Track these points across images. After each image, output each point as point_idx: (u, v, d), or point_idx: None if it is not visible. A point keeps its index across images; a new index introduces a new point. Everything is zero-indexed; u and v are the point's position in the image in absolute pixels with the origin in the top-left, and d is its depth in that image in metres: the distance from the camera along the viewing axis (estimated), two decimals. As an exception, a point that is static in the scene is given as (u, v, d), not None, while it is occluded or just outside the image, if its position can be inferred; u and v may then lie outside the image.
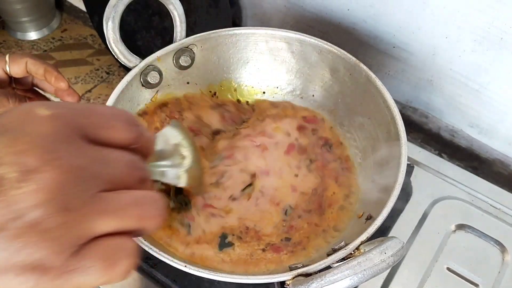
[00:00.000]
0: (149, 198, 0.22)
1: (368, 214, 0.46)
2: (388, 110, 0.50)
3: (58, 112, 0.21)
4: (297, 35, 0.57)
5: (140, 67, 0.53)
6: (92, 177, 0.20)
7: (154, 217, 0.22)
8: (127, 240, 0.21)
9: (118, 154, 0.22)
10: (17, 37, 1.58)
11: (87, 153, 0.21)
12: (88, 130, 0.21)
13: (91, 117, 0.22)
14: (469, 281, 0.53)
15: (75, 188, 0.19)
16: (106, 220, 0.20)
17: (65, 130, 0.20)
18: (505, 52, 0.55)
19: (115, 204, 0.20)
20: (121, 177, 0.21)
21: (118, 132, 0.22)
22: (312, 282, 0.35)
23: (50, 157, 0.19)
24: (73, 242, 0.19)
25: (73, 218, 0.19)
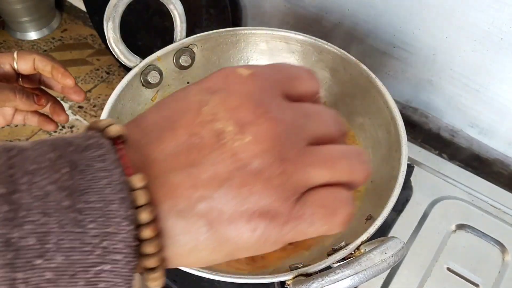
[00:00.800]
0: (355, 152, 0.22)
1: (368, 214, 0.46)
2: (388, 110, 0.50)
3: (257, 71, 0.21)
4: (297, 35, 0.57)
5: (140, 67, 0.53)
6: (299, 131, 0.21)
7: (362, 170, 0.22)
8: (342, 190, 0.21)
9: (316, 108, 0.22)
10: (17, 37, 1.58)
11: (291, 107, 0.21)
12: (286, 86, 0.22)
13: (284, 72, 0.22)
14: (469, 281, 0.53)
15: (288, 139, 0.20)
16: (320, 171, 0.20)
17: (268, 86, 0.21)
18: (505, 52, 0.55)
19: (326, 156, 0.21)
20: (325, 130, 0.22)
21: (306, 82, 0.23)
22: (312, 282, 0.35)
23: (262, 110, 0.20)
24: (294, 190, 0.20)
25: (291, 167, 0.19)
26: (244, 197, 0.19)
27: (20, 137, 1.33)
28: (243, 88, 0.20)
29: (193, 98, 0.21)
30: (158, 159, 0.19)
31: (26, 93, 0.46)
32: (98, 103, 1.42)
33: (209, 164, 0.19)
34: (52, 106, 0.52)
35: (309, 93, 0.23)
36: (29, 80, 0.51)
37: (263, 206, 0.19)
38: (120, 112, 0.52)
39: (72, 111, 1.38)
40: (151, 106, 0.22)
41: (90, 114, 1.39)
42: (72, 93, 0.51)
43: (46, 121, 0.53)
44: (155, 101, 0.57)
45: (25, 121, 0.52)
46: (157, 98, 0.57)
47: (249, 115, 0.19)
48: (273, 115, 0.20)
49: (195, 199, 0.19)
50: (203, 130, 0.19)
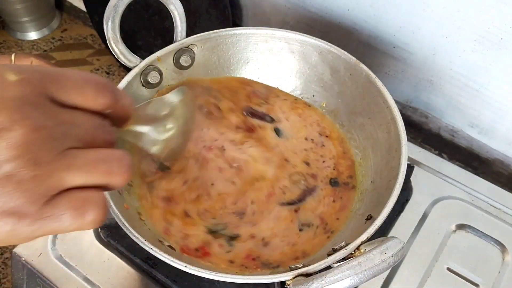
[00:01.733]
0: (115, 155, 0.24)
1: (368, 214, 0.46)
2: (388, 110, 0.50)
3: (27, 77, 0.22)
4: (297, 35, 0.57)
5: (140, 67, 0.53)
6: (60, 136, 0.22)
7: (120, 173, 0.24)
8: (95, 193, 0.23)
9: (85, 117, 0.24)
10: (17, 37, 1.58)
11: (55, 114, 0.22)
12: (57, 94, 0.23)
13: (61, 81, 0.23)
14: (469, 281, 0.53)
15: (44, 145, 0.21)
16: (74, 174, 0.22)
17: (33, 93, 0.22)
18: (505, 52, 0.55)
19: (82, 159, 0.22)
20: (87, 138, 0.23)
21: (87, 97, 0.24)
22: (312, 282, 0.35)
23: (19, 117, 0.21)
24: (45, 193, 0.21)
25: (43, 172, 0.21)
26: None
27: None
28: (6, 94, 0.21)
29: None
30: None
31: None
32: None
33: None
34: None
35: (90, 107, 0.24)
36: None
37: (12, 207, 0.21)
38: (120, 112, 0.52)
39: (72, 111, 1.38)
40: None
41: (90, 114, 1.39)
42: None
43: None
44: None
45: None
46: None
47: (5, 120, 0.20)
48: (31, 122, 0.21)
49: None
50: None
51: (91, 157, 0.23)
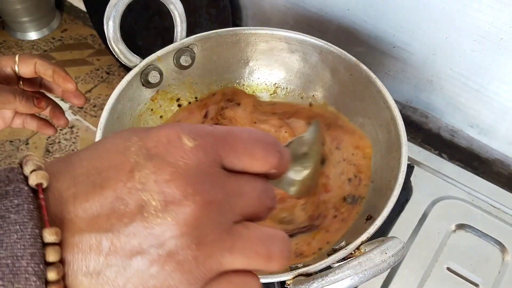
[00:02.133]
0: (278, 238, 0.22)
1: (368, 214, 0.46)
2: (388, 110, 0.50)
3: (202, 143, 0.21)
4: (297, 35, 0.57)
5: (141, 67, 0.53)
6: (227, 210, 0.20)
7: (280, 258, 0.21)
8: (253, 278, 0.21)
9: (252, 184, 0.22)
10: (17, 37, 1.58)
11: (224, 184, 0.21)
12: (228, 160, 0.21)
13: (231, 144, 0.22)
14: (469, 281, 0.53)
15: (210, 222, 0.20)
16: (235, 257, 0.20)
17: (207, 162, 0.20)
18: (505, 52, 0.55)
19: (245, 241, 0.20)
20: (252, 208, 0.22)
21: (257, 160, 0.22)
22: (312, 282, 0.35)
23: (191, 191, 0.19)
24: (204, 276, 0.20)
25: (206, 253, 0.19)
26: (153, 274, 0.19)
27: (20, 137, 1.33)
28: (180, 161, 0.20)
29: (129, 158, 0.20)
30: (78, 217, 0.19)
31: (26, 96, 0.46)
32: (98, 103, 1.42)
33: (126, 233, 0.19)
34: (51, 110, 0.52)
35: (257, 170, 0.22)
36: (30, 83, 0.51)
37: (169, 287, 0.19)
38: (120, 112, 0.52)
39: (72, 111, 1.38)
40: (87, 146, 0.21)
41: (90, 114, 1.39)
42: (72, 97, 0.51)
43: (46, 125, 0.53)
44: (155, 101, 0.57)
45: (24, 125, 0.52)
46: (158, 98, 0.57)
47: (177, 193, 0.19)
48: (201, 197, 0.19)
49: (105, 265, 0.19)
50: (129, 197, 0.19)
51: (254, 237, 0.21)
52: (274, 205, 0.23)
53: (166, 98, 0.58)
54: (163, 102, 0.58)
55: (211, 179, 0.20)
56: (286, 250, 0.22)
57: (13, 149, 1.31)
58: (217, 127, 0.22)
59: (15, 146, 1.32)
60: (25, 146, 1.32)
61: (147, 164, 0.20)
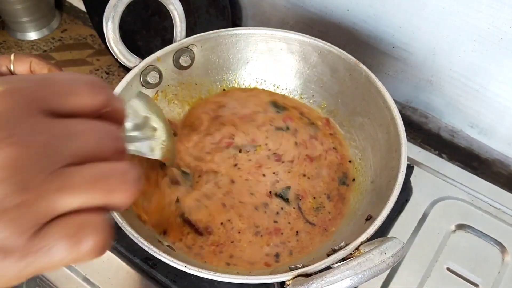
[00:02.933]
0: (118, 170, 0.20)
1: (368, 215, 0.46)
2: (388, 110, 0.50)
3: (13, 87, 0.19)
4: (297, 36, 0.57)
5: (140, 67, 0.53)
6: (55, 153, 0.19)
7: (123, 190, 0.20)
8: (93, 216, 0.20)
9: (86, 124, 0.21)
10: (17, 37, 1.58)
11: (49, 127, 0.19)
12: (49, 102, 0.20)
13: (51, 87, 0.20)
14: (469, 281, 0.53)
15: (34, 165, 0.18)
16: (68, 196, 0.19)
17: (21, 105, 0.19)
18: (505, 52, 0.55)
19: (77, 178, 0.19)
20: (91, 149, 0.20)
21: (82, 97, 0.21)
22: (312, 283, 0.35)
23: (4, 134, 0.18)
24: (34, 222, 0.18)
25: (32, 197, 0.18)
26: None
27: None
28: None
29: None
30: None
31: None
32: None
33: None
34: None
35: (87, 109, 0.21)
36: None
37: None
38: (119, 112, 0.52)
39: (72, 111, 1.38)
40: None
41: (90, 114, 1.39)
42: None
43: None
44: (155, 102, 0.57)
45: None
46: (157, 98, 0.57)
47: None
48: (19, 139, 0.18)
49: None
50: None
51: (88, 174, 0.19)
52: (120, 145, 0.22)
53: (166, 98, 0.58)
54: (163, 103, 0.58)
55: (29, 122, 0.19)
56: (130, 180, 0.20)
57: (13, 149, 1.31)
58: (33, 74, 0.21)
59: (15, 146, 1.32)
60: (25, 146, 1.32)
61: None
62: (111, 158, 0.21)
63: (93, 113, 0.21)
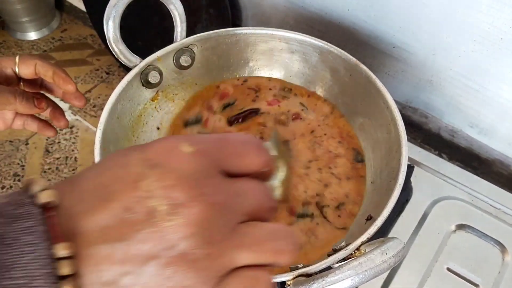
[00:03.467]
0: (284, 233, 0.23)
1: (368, 215, 0.46)
2: (388, 110, 0.50)
3: (200, 148, 0.22)
4: (297, 36, 0.57)
5: (140, 67, 0.53)
6: (231, 211, 0.21)
7: (288, 252, 0.22)
8: (264, 272, 0.22)
9: (251, 185, 0.23)
10: (17, 37, 1.58)
11: (226, 187, 0.22)
12: (225, 163, 0.23)
13: (227, 148, 0.23)
14: (469, 281, 0.53)
15: (217, 222, 0.20)
16: (244, 254, 0.21)
17: (207, 166, 0.22)
18: (505, 52, 0.55)
19: (252, 238, 0.21)
20: (254, 208, 0.23)
21: (251, 159, 0.23)
22: (313, 283, 0.35)
23: (196, 193, 0.20)
24: (217, 273, 0.20)
25: (216, 251, 0.20)
26: (168, 277, 0.19)
27: (20, 137, 1.33)
28: (182, 167, 0.21)
29: (132, 169, 0.21)
30: (89, 230, 0.20)
31: (26, 96, 0.46)
32: (98, 103, 1.42)
33: (138, 240, 0.19)
34: (52, 111, 0.52)
35: (253, 169, 0.23)
36: (30, 84, 0.51)
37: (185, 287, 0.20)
38: (120, 112, 0.52)
39: (72, 112, 1.38)
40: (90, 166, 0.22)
41: (90, 114, 1.39)
42: (73, 99, 0.51)
43: (46, 126, 0.53)
44: (155, 101, 0.57)
45: (25, 126, 0.52)
46: (158, 98, 0.57)
47: (183, 196, 0.20)
48: (206, 198, 0.20)
49: (120, 274, 0.19)
50: (137, 206, 0.20)
51: (260, 234, 0.22)
52: (275, 204, 0.24)
53: (166, 98, 0.58)
54: (163, 102, 0.58)
55: (213, 181, 0.21)
56: (293, 243, 0.22)
57: (13, 149, 1.31)
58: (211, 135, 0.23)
59: (15, 146, 1.32)
60: (24, 146, 1.32)
61: (150, 173, 0.20)
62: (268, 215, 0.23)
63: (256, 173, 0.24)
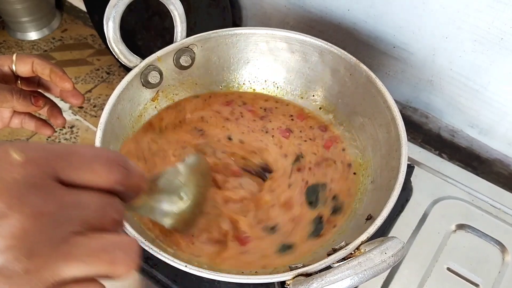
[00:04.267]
0: (122, 243, 0.21)
1: (368, 214, 0.46)
2: (389, 110, 0.50)
3: (32, 156, 0.20)
4: (297, 35, 0.57)
5: (141, 67, 0.53)
6: (63, 222, 0.20)
7: (124, 263, 0.21)
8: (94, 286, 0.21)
9: (92, 197, 0.22)
10: (17, 37, 1.58)
11: (59, 197, 0.20)
12: (64, 173, 0.21)
13: (68, 159, 0.22)
14: (469, 281, 0.53)
15: (42, 233, 0.19)
16: (73, 266, 0.20)
17: (36, 175, 0.20)
18: (505, 52, 0.55)
19: (83, 249, 0.20)
20: (94, 220, 0.21)
21: (97, 174, 0.22)
22: (312, 282, 0.35)
23: (18, 202, 0.19)
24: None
25: (38, 264, 0.19)
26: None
27: (20, 137, 1.33)
28: (7, 175, 0.19)
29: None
30: None
31: (23, 94, 0.46)
32: (98, 103, 1.42)
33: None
34: (49, 109, 0.52)
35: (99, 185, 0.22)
36: (28, 82, 0.51)
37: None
38: (120, 112, 0.52)
39: (72, 111, 1.38)
40: None
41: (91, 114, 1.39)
42: (70, 97, 0.51)
43: (43, 125, 0.53)
44: (156, 102, 0.57)
45: (23, 125, 0.52)
46: (158, 98, 0.57)
47: (2, 207, 0.19)
48: (30, 208, 0.19)
49: None
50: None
51: (94, 245, 0.20)
52: (119, 218, 0.23)
53: (166, 98, 0.58)
54: (164, 102, 0.58)
55: (42, 191, 0.20)
56: (132, 254, 0.22)
57: (13, 149, 1.31)
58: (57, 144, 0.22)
59: (15, 146, 1.32)
60: (25, 146, 1.32)
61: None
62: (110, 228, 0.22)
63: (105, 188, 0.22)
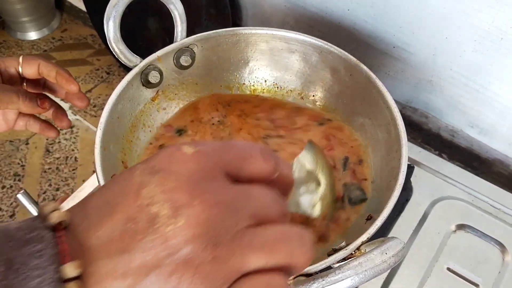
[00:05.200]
0: (296, 233, 0.21)
1: (368, 214, 0.46)
2: (389, 110, 0.50)
3: (202, 149, 0.21)
4: (297, 35, 0.57)
5: (141, 67, 0.53)
6: (238, 212, 0.20)
7: (302, 253, 0.21)
8: (277, 277, 0.20)
9: (259, 189, 0.22)
10: (17, 37, 1.58)
11: (231, 188, 0.21)
12: (230, 166, 0.22)
13: (231, 152, 0.22)
14: (469, 281, 0.53)
15: (223, 222, 0.19)
16: (255, 255, 0.20)
17: (209, 166, 0.21)
18: (505, 52, 0.55)
19: (261, 238, 0.20)
20: (262, 213, 0.21)
21: (257, 163, 0.22)
22: (313, 282, 0.35)
23: (198, 192, 0.19)
24: (226, 278, 0.19)
25: (224, 253, 0.19)
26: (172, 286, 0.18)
27: (20, 137, 1.33)
28: (183, 168, 0.20)
29: (135, 179, 0.20)
30: (94, 246, 0.19)
31: (29, 96, 0.46)
32: (98, 103, 1.42)
33: (140, 250, 0.18)
34: (54, 112, 0.52)
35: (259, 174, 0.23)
36: (34, 84, 0.51)
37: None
38: (120, 112, 0.52)
39: (72, 111, 1.39)
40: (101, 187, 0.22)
41: (90, 114, 1.39)
42: (75, 99, 0.51)
43: (48, 127, 0.53)
44: (156, 101, 0.57)
45: (27, 127, 0.52)
46: (158, 98, 0.57)
47: (184, 197, 0.19)
48: (209, 197, 0.19)
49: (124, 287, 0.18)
50: (139, 215, 0.19)
51: (270, 235, 0.20)
52: (285, 210, 0.23)
53: (166, 98, 0.58)
54: (164, 102, 0.58)
55: (215, 182, 0.20)
56: (308, 243, 0.21)
57: (13, 149, 1.31)
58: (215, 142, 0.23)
59: (15, 146, 1.32)
60: (25, 146, 1.32)
61: (152, 179, 0.20)
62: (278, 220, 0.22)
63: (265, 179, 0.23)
